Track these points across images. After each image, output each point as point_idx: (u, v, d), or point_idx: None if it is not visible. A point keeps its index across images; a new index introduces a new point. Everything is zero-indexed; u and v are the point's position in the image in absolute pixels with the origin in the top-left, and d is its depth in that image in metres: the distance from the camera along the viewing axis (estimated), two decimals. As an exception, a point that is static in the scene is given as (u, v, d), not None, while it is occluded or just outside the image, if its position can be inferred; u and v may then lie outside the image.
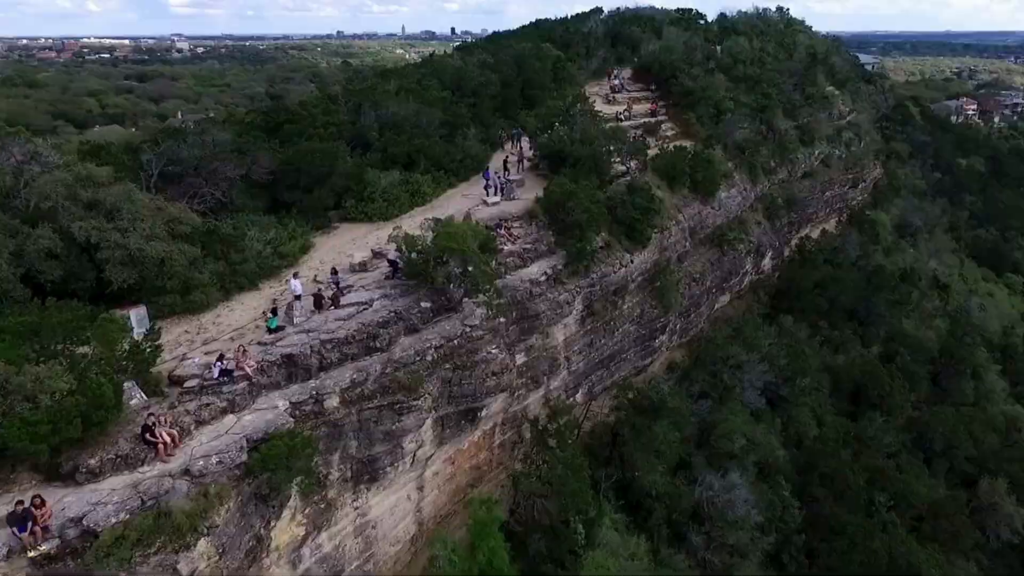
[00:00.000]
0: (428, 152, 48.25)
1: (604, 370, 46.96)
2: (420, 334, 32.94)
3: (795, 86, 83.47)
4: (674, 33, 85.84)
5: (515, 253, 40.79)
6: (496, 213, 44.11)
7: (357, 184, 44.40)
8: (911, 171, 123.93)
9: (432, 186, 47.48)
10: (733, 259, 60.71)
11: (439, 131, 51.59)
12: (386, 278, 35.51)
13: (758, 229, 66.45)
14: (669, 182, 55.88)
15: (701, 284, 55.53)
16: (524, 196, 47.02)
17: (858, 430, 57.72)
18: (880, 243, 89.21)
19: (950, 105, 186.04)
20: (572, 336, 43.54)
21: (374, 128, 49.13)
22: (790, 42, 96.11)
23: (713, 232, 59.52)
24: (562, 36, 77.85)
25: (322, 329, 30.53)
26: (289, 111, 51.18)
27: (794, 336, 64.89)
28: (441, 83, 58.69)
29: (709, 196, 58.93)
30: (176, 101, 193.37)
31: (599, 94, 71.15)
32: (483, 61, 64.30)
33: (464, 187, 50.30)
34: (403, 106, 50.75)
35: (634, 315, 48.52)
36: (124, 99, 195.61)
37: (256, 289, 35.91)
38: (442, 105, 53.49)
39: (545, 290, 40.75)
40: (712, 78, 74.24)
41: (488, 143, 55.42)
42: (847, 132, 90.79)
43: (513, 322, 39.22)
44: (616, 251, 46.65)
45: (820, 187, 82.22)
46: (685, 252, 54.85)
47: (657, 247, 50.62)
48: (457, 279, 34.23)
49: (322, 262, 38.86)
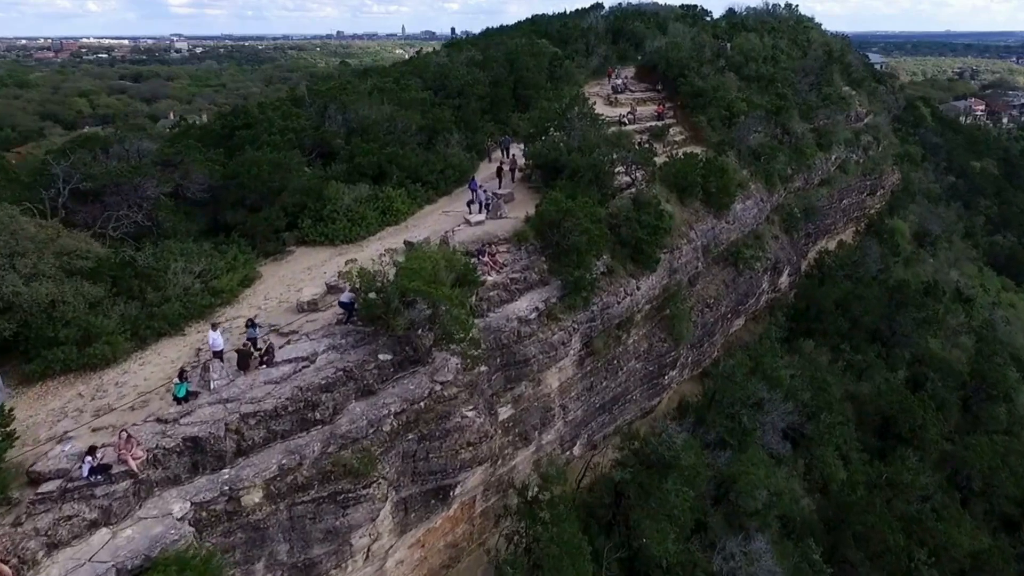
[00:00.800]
0: (402, 162, 40.97)
1: (606, 415, 39.69)
2: (376, 397, 25.66)
3: (811, 86, 75.94)
4: (680, 29, 78.30)
5: (500, 285, 33.48)
6: (480, 235, 36.81)
7: (316, 201, 37.17)
8: (924, 175, 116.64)
9: (407, 202, 40.20)
10: (750, 279, 53.36)
11: (417, 137, 44.29)
12: (338, 322, 28.24)
13: (775, 244, 59.07)
14: (679, 194, 48.51)
15: (716, 309, 48.19)
16: (513, 214, 39.70)
17: (891, 474, 50.31)
18: (900, 254, 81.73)
19: (958, 106, 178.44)
20: (569, 380, 36.27)
21: (340, 134, 41.82)
22: (803, 39, 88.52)
23: (728, 249, 52.13)
24: (559, 32, 70.37)
25: (245, 397, 23.27)
26: (248, 115, 43.80)
27: (815, 363, 57.58)
28: (423, 82, 51.33)
29: (723, 209, 51.51)
30: (169, 102, 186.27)
31: (600, 95, 63.70)
32: (471, 58, 56.92)
33: (445, 202, 43.00)
34: (375, 109, 43.39)
35: (640, 350, 41.23)
36: (116, 100, 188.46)
37: (180, 334, 28.73)
38: (421, 107, 46.13)
39: (536, 329, 33.46)
40: (723, 77, 66.76)
41: (474, 150, 48.07)
42: (865, 135, 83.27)
43: (497, 369, 31.98)
44: (620, 277, 39.35)
45: (838, 195, 74.76)
46: (697, 273, 47.49)
47: (666, 269, 43.30)
48: (425, 324, 26.95)
49: (267, 298, 31.60)
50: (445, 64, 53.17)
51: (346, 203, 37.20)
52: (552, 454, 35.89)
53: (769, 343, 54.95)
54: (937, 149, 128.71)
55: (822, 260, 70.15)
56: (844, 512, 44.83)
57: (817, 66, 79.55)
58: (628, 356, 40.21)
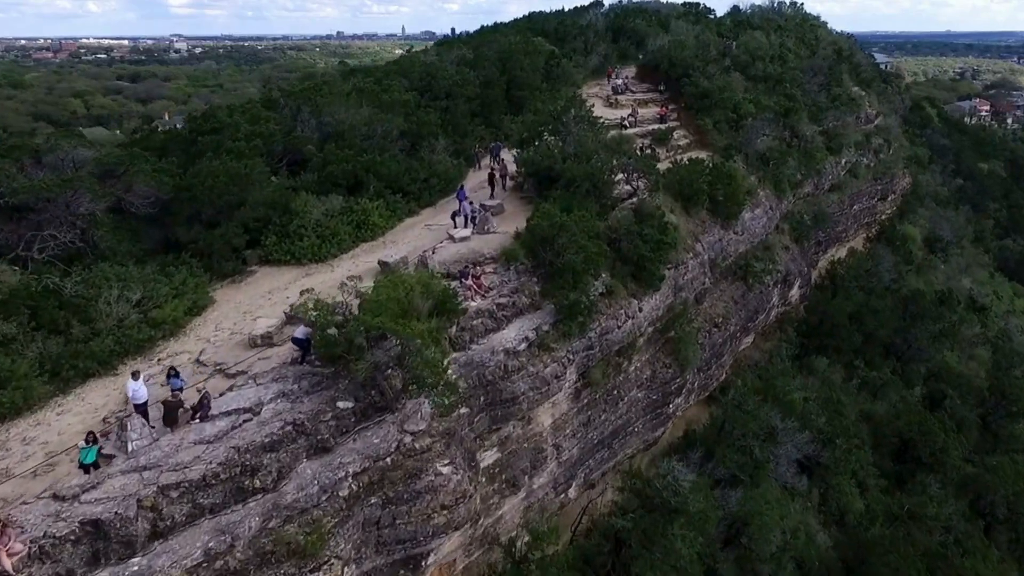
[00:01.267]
0: (381, 170, 36.70)
1: (606, 450, 35.43)
2: (332, 455, 21.43)
3: (820, 86, 71.48)
4: (684, 27, 73.87)
5: (485, 311, 29.21)
6: (464, 253, 32.56)
7: (282, 215, 32.93)
8: (932, 177, 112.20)
9: (385, 215, 35.94)
10: (760, 294, 49.05)
11: (399, 143, 40.03)
12: (292, 362, 24.01)
13: (786, 255, 54.75)
14: (684, 203, 44.22)
15: (724, 329, 43.88)
16: (503, 228, 35.48)
17: (913, 505, 46.05)
18: (912, 261, 77.33)
19: (963, 106, 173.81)
20: (563, 416, 32.01)
21: (313, 140, 37.56)
22: (811, 37, 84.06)
23: (736, 262, 47.83)
24: (557, 29, 65.97)
25: (168, 463, 19.04)
26: (216, 119, 39.52)
27: (829, 382, 53.30)
28: (408, 83, 47.01)
29: (731, 218, 47.21)
30: (164, 102, 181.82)
31: (599, 96, 59.44)
32: (462, 57, 52.60)
33: (429, 214, 38.75)
34: (352, 112, 39.09)
35: (643, 378, 36.96)
36: (111, 100, 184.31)
37: (112, 374, 24.51)
38: (405, 110, 41.81)
39: (525, 362, 29.20)
40: (729, 77, 62.39)
41: (463, 156, 43.81)
42: (876, 138, 78.79)
43: (481, 410, 27.74)
44: (620, 298, 35.06)
45: (849, 200, 70.37)
46: (704, 290, 43.23)
47: (671, 287, 39.03)
48: (393, 364, 22.73)
49: (218, 329, 27.37)
50: (433, 63, 48.86)
51: (316, 217, 32.96)
52: (544, 499, 31.65)
53: (780, 362, 50.72)
54: (944, 151, 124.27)
55: (834, 270, 65.81)
56: (864, 551, 40.59)
57: (826, 65, 75.14)
58: (629, 385, 35.95)
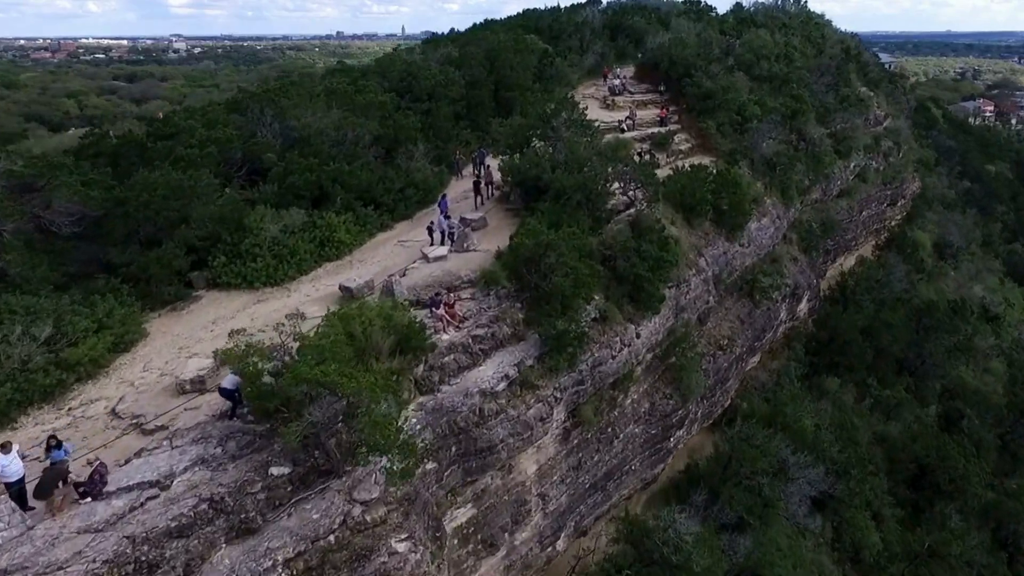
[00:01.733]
0: (349, 180, 32.57)
1: (599, 494, 31.33)
2: (258, 537, 17.33)
3: (828, 87, 67.22)
4: (685, 25, 69.60)
5: (460, 346, 25.11)
6: (438, 275, 28.45)
7: (234, 232, 28.80)
8: (938, 180, 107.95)
9: (353, 230, 31.82)
10: (767, 310, 44.89)
11: (372, 150, 35.90)
12: (222, 416, 19.93)
13: (794, 267, 50.56)
14: (686, 214, 40.12)
15: (730, 351, 39.75)
16: (485, 245, 31.37)
17: (935, 541, 41.95)
18: (924, 269, 73.11)
19: (967, 106, 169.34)
20: (550, 461, 27.90)
21: (275, 147, 33.43)
22: (817, 36, 79.81)
23: (742, 276, 43.71)
24: (551, 27, 61.69)
25: (39, 561, 14.94)
26: (171, 123, 35.44)
27: (840, 403, 49.19)
28: (387, 83, 42.81)
29: (737, 230, 43.10)
30: (159, 102, 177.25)
31: (595, 97, 55.24)
32: (447, 55, 48.40)
33: (404, 228, 34.63)
34: (320, 115, 34.94)
35: (640, 412, 32.85)
36: (105, 100, 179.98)
37: (11, 426, 20.44)
38: (381, 113, 37.62)
39: (505, 404, 25.10)
40: (733, 77, 58.18)
41: (445, 163, 39.71)
42: (885, 140, 74.56)
43: (452, 462, 23.65)
44: (616, 324, 30.94)
45: (858, 206, 66.16)
46: (708, 309, 39.14)
47: (672, 309, 34.96)
48: (339, 420, 18.63)
49: (147, 369, 23.28)
50: (414, 62, 44.66)
51: (272, 234, 28.86)
52: (529, 555, 27.55)
53: (788, 383, 46.57)
54: (950, 152, 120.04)
55: (844, 282, 61.57)
56: (884, 598, 36.52)
57: (834, 65, 70.85)
58: (626, 420, 31.83)
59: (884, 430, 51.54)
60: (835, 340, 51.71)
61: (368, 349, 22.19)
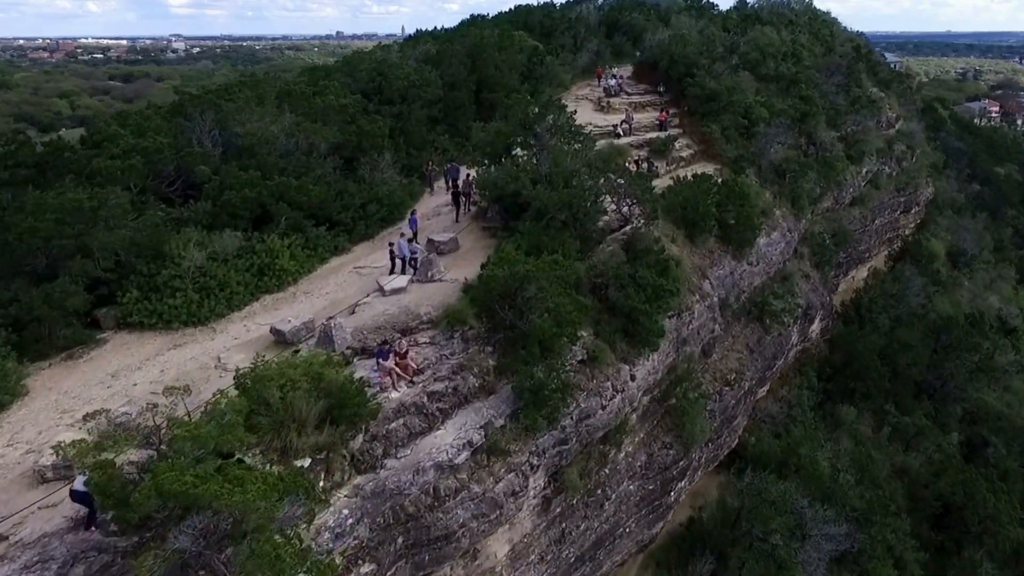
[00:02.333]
0: (297, 196, 27.54)
1: (588, 565, 26.31)
2: None
3: (839, 87, 62.01)
4: (686, 22, 64.48)
5: (411, 406, 20.13)
6: (393, 313, 23.46)
7: (152, 261, 23.82)
8: (948, 183, 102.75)
9: (301, 255, 26.82)
10: (778, 336, 39.85)
11: (330, 160, 30.87)
12: (79, 524, 14.94)
13: (806, 284, 45.49)
14: (688, 230, 35.19)
15: (738, 386, 34.73)
16: (454, 273, 26.39)
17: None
18: (940, 281, 67.91)
19: (973, 107, 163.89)
20: (526, 539, 22.85)
21: (213, 157, 28.41)
22: (826, 33, 74.59)
23: (751, 299, 38.71)
24: (543, 23, 56.50)
25: None
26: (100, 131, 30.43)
27: (856, 435, 44.18)
28: (354, 84, 37.72)
29: (745, 246, 38.13)
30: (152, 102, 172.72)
31: (589, 98, 50.19)
32: (426, 53, 43.29)
33: (364, 250, 29.60)
34: (269, 121, 29.90)
35: (636, 466, 27.83)
36: (98, 101, 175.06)
37: None
38: (342, 117, 32.56)
39: (467, 479, 20.11)
40: (737, 77, 53.06)
41: (417, 174, 34.75)
42: (898, 144, 69.36)
43: (399, 557, 18.62)
44: (607, 365, 25.95)
45: (871, 215, 61.00)
46: (713, 339, 34.12)
47: (672, 342, 29.97)
48: (215, 551, 13.59)
49: (12, 443, 18.29)
50: (385, 60, 39.50)
51: (197, 262, 23.82)
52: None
53: (801, 415, 41.51)
54: (959, 154, 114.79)
55: (859, 299, 56.41)
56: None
57: (845, 64, 65.61)
58: (619, 478, 26.82)
59: (904, 462, 46.44)
60: (851, 364, 46.62)
61: (288, 421, 17.26)
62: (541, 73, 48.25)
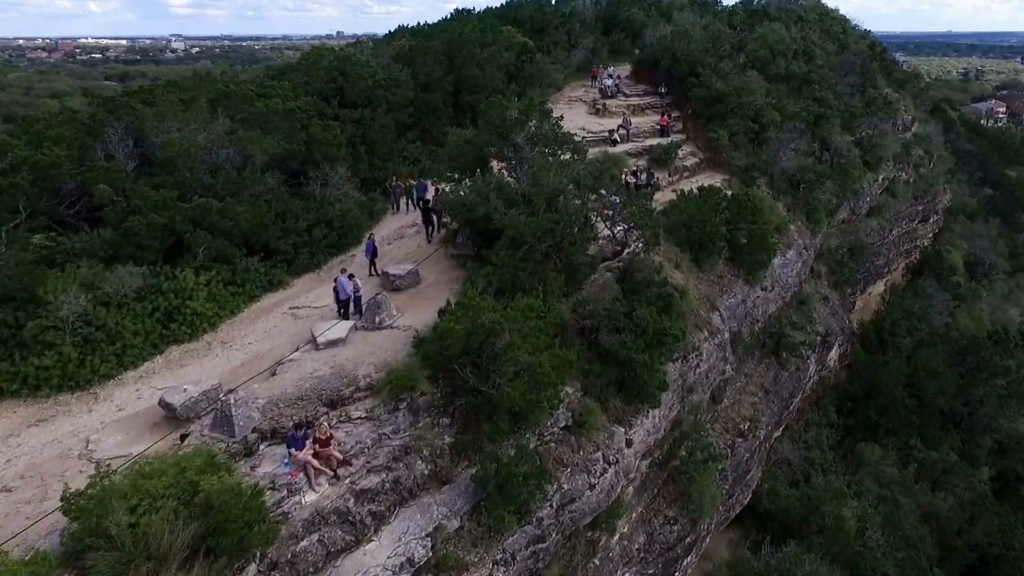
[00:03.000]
0: (220, 221, 22.24)
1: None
2: None
3: (853, 88, 56.50)
4: (689, 18, 58.99)
5: (331, 512, 14.84)
6: (324, 375, 18.18)
7: (20, 308, 18.55)
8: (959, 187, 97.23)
9: (226, 294, 21.55)
10: (796, 371, 34.50)
11: (271, 175, 25.53)
12: None
13: (824, 308, 40.15)
14: (695, 252, 29.98)
15: (753, 436, 29.39)
16: (408, 319, 21.09)
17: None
18: (961, 296, 62.45)
19: (980, 108, 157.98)
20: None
21: (122, 173, 23.08)
22: (838, 30, 69.09)
23: (765, 329, 33.39)
24: (533, 17, 50.99)
25: None
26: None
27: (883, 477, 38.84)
28: (311, 84, 32.34)
29: (758, 269, 32.84)
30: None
31: (583, 100, 44.82)
32: (399, 49, 37.89)
33: (307, 284, 24.28)
34: (194, 128, 24.58)
35: (633, 550, 22.55)
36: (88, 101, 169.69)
37: None
38: (288, 124, 27.21)
39: (405, 614, 14.79)
40: (746, 77, 47.66)
41: (380, 189, 29.46)
42: (915, 148, 63.89)
43: None
44: (598, 430, 20.69)
45: (888, 225, 55.58)
46: (724, 382, 28.79)
47: (678, 392, 24.70)
48: None
49: None
50: (349, 57, 34.05)
51: (78, 308, 18.53)
52: None
53: (821, 459, 36.20)
54: (969, 157, 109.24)
55: (879, 320, 50.95)
56: None
57: (860, 62, 60.08)
58: (612, 567, 21.54)
59: (933, 504, 41.05)
60: (873, 396, 41.25)
61: (140, 557, 12.00)
62: (530, 72, 42.96)
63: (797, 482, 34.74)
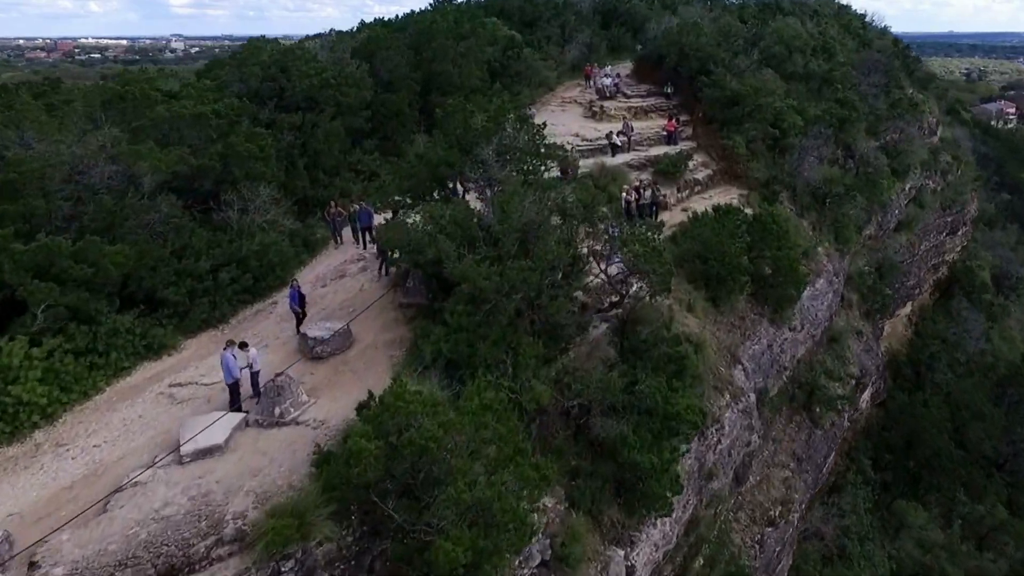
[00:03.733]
0: (74, 269, 15.97)
1: None
2: None
3: (878, 88, 50.02)
4: (696, 11, 52.51)
5: None
6: (177, 513, 11.92)
7: None
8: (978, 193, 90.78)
9: (76, 371, 15.33)
10: (832, 427, 28.21)
11: (162, 200, 19.26)
12: None
13: (858, 344, 33.83)
14: (711, 289, 23.77)
15: (786, 520, 23.16)
16: (324, 408, 14.87)
17: None
18: (993, 317, 55.97)
19: (990, 109, 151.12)
20: None
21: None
22: (858, 25, 62.64)
23: (794, 377, 27.10)
24: (522, 9, 44.58)
25: None
26: None
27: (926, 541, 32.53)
28: (244, 84, 26.11)
29: (785, 305, 26.61)
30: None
31: (579, 101, 38.50)
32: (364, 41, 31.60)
33: (205, 345, 18.02)
34: (60, 143, 18.38)
35: None
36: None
37: None
38: (198, 132, 21.00)
39: None
40: (762, 75, 41.24)
41: (320, 215, 23.21)
42: (943, 154, 57.48)
43: None
44: (588, 561, 14.45)
45: (918, 240, 49.19)
46: (749, 455, 22.52)
47: (693, 484, 18.47)
48: None
49: None
50: (292, 51, 27.74)
51: None
52: None
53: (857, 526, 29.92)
54: (986, 161, 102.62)
55: (913, 352, 44.45)
56: None
57: (884, 60, 53.63)
58: None
59: (981, 569, 34.77)
60: (914, 446, 34.91)
61: None
62: (517, 70, 36.68)
63: (831, 559, 28.49)
